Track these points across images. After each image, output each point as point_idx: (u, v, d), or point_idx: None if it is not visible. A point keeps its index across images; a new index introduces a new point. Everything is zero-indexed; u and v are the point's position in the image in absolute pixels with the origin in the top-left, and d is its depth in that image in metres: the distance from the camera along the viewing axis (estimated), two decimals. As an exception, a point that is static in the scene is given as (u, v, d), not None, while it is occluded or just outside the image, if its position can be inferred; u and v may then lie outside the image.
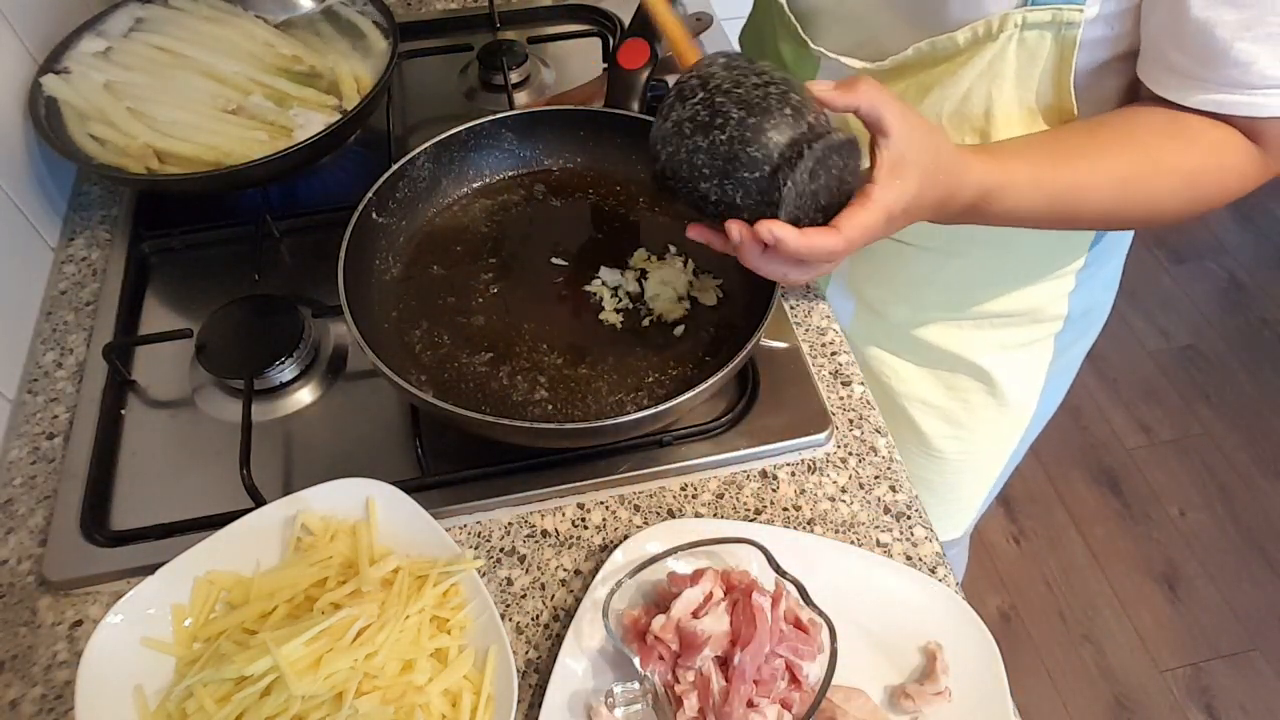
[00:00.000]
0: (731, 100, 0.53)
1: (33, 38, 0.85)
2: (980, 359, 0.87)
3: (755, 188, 0.54)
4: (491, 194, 0.82)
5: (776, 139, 0.53)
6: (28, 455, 0.70)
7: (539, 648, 0.61)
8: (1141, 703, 1.59)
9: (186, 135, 0.81)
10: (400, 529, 0.60)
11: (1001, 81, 0.65)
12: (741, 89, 0.53)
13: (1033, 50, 0.62)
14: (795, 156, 0.52)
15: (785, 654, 0.56)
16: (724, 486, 0.69)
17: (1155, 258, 2.31)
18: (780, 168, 0.53)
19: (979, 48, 0.64)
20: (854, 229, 0.53)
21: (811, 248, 0.53)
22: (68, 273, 0.83)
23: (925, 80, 0.68)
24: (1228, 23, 0.54)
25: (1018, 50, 0.63)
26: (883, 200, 0.54)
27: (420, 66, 1.03)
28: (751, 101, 0.53)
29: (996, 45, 0.63)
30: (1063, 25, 0.60)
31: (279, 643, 0.51)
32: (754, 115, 0.53)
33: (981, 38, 0.63)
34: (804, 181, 0.53)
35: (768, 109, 0.53)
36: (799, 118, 0.53)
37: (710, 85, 0.54)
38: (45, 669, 0.60)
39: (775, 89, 0.53)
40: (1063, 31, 0.61)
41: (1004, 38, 0.62)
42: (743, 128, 0.53)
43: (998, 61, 0.64)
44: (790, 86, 0.54)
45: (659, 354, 0.70)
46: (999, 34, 0.62)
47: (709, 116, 0.54)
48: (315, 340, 0.76)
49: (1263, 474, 1.89)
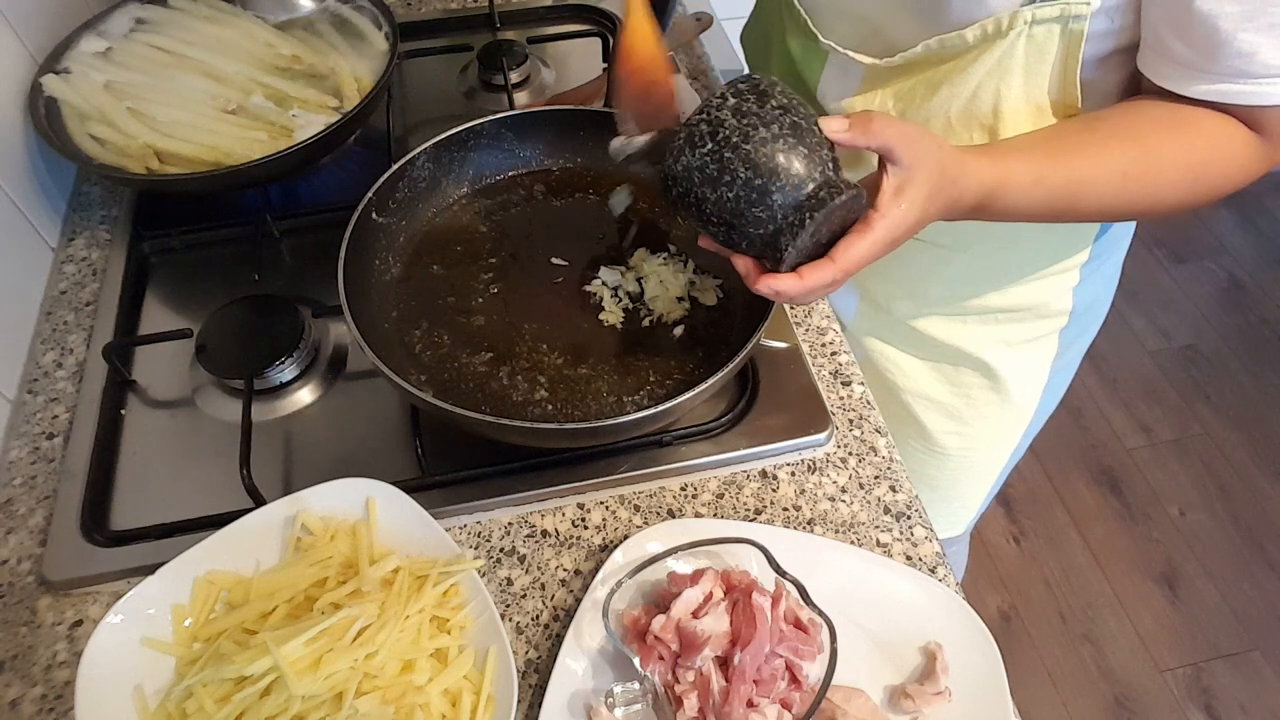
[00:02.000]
0: (739, 158, 0.52)
1: (33, 38, 0.85)
2: (985, 354, 0.87)
3: (759, 240, 0.55)
4: (491, 194, 0.82)
5: (782, 202, 0.53)
6: (28, 455, 0.70)
7: (539, 648, 0.61)
8: (1141, 703, 1.59)
9: (186, 135, 0.81)
10: (400, 529, 0.60)
11: (1010, 78, 0.65)
12: (749, 145, 0.52)
13: (1041, 46, 0.63)
14: (800, 222, 0.52)
15: (785, 654, 0.56)
16: (724, 486, 0.69)
17: (1155, 257, 2.31)
18: (784, 231, 0.53)
19: (988, 45, 0.64)
20: (850, 260, 0.54)
21: (810, 289, 0.54)
22: (68, 273, 0.83)
23: (934, 77, 0.68)
24: (1230, 14, 0.55)
25: (1026, 46, 0.63)
26: (882, 228, 0.54)
27: (420, 66, 1.03)
28: (759, 162, 0.52)
29: (1006, 42, 0.63)
30: (1070, 19, 0.61)
31: (279, 643, 0.51)
32: (760, 176, 0.52)
33: (991, 35, 0.63)
34: (807, 240, 0.54)
35: (774, 170, 0.52)
36: (807, 177, 0.53)
37: (719, 136, 0.53)
38: (45, 669, 0.60)
39: (784, 143, 0.52)
40: (1070, 26, 0.61)
41: (1013, 34, 0.62)
42: (749, 189, 0.53)
43: (1006, 58, 0.64)
44: (800, 135, 0.53)
45: (659, 354, 0.70)
46: (1008, 31, 0.62)
47: (716, 171, 0.53)
48: (315, 340, 0.76)
49: (1263, 474, 1.89)
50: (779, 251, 0.54)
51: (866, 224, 0.54)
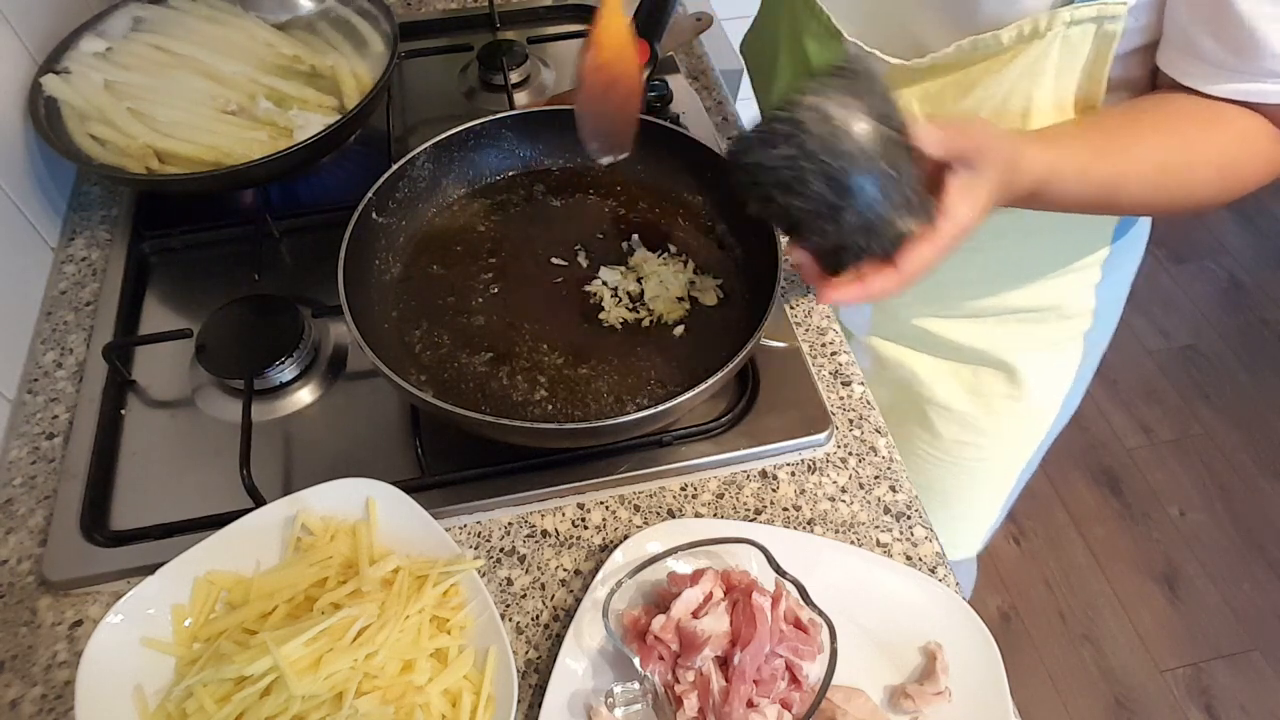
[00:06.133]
0: (817, 169, 0.48)
1: (33, 38, 0.85)
2: (1008, 355, 0.86)
3: (823, 247, 0.53)
4: (491, 194, 0.82)
5: (853, 224, 0.50)
6: (28, 455, 0.70)
7: (539, 648, 0.61)
8: (1141, 703, 1.59)
9: (186, 135, 0.81)
10: (400, 529, 0.60)
11: (1042, 79, 0.64)
12: (828, 156, 0.48)
13: (1074, 46, 0.62)
14: (868, 246, 0.51)
15: (785, 654, 0.56)
16: (724, 486, 0.69)
17: (1155, 258, 2.30)
18: (848, 249, 0.51)
19: (1024, 46, 0.62)
20: (916, 268, 0.53)
21: (871, 296, 0.53)
22: (68, 273, 0.83)
23: (965, 79, 0.67)
24: (1268, 14, 0.55)
25: (1061, 47, 0.62)
26: (949, 233, 0.53)
27: (420, 66, 1.03)
28: (838, 178, 0.48)
29: (1042, 43, 0.62)
30: (1105, 19, 0.60)
31: (279, 643, 0.51)
32: (835, 193, 0.49)
33: (1028, 36, 0.62)
34: (874, 253, 0.52)
35: (851, 191, 0.49)
36: (885, 203, 0.49)
37: (796, 140, 0.48)
38: (45, 669, 0.60)
39: (864, 162, 0.48)
40: (1104, 26, 0.60)
41: (1050, 35, 0.61)
42: (822, 203, 0.50)
43: (1041, 59, 0.63)
44: (888, 153, 0.49)
45: (659, 354, 0.70)
46: (1046, 32, 0.61)
47: (790, 177, 0.49)
48: (315, 340, 0.76)
49: (1263, 474, 1.89)
50: (839, 265, 0.52)
51: (933, 229, 0.53)
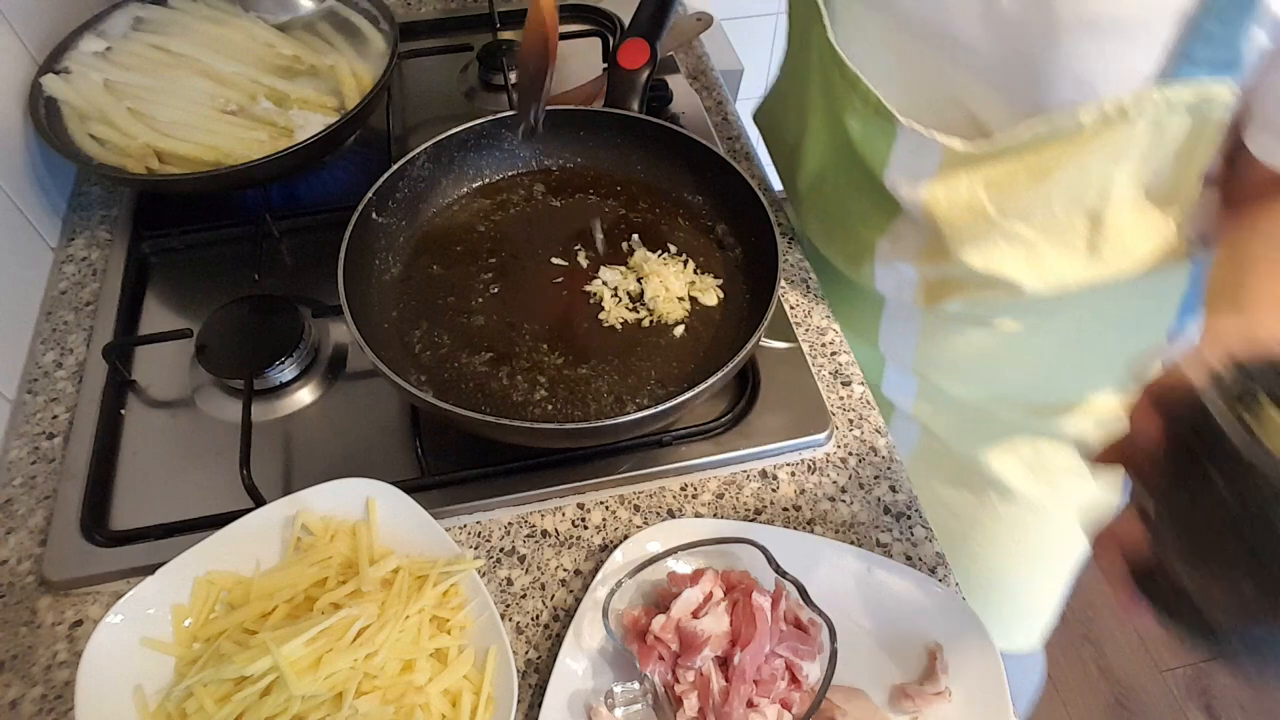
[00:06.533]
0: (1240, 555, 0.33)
1: (33, 38, 0.85)
2: None
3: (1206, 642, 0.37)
4: (491, 194, 0.82)
5: None
6: (28, 455, 0.70)
7: (539, 648, 0.61)
8: (1141, 703, 1.59)
9: (186, 135, 0.81)
10: (400, 529, 0.60)
11: (1126, 163, 0.58)
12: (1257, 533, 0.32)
13: (1166, 131, 0.55)
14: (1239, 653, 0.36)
15: (785, 654, 0.56)
16: (724, 486, 0.69)
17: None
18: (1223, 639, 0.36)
19: (1107, 129, 0.55)
20: None
21: None
22: (68, 273, 0.83)
23: (1038, 165, 0.60)
24: None
25: (1150, 131, 0.55)
26: None
27: (420, 66, 1.03)
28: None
29: (1128, 126, 0.55)
30: (1207, 104, 0.53)
31: (279, 643, 0.51)
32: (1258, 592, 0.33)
33: (1113, 118, 0.54)
34: None
35: None
36: None
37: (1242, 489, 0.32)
38: (45, 669, 0.60)
39: None
40: (1203, 111, 0.54)
41: (1137, 118, 0.54)
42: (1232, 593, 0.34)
43: (1125, 143, 0.56)
44: None
45: (659, 354, 0.70)
46: (1136, 117, 0.54)
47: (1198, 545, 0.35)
48: (315, 340, 0.76)
49: (1263, 474, 1.89)
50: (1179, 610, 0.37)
51: None
